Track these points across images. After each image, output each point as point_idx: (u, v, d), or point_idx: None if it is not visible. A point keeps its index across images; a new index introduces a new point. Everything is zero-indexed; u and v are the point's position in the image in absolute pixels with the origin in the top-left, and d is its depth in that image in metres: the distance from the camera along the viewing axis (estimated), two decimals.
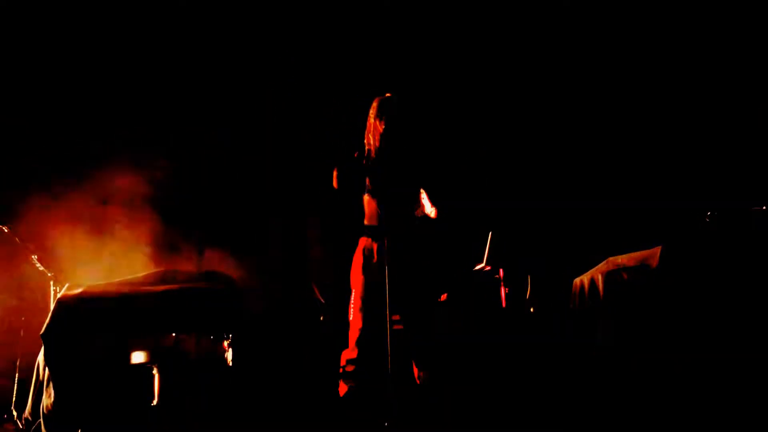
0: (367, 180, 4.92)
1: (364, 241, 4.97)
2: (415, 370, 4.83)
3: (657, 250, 4.84)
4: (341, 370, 4.90)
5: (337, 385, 4.89)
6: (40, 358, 5.31)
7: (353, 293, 4.95)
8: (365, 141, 4.99)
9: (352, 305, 4.94)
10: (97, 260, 6.10)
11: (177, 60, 6.85)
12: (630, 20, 6.60)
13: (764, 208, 4.74)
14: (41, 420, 5.13)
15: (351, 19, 6.74)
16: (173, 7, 6.72)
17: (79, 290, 5.01)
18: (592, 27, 6.67)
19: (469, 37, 6.74)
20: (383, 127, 4.82)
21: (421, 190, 4.91)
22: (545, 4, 6.71)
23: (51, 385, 5.02)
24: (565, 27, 6.69)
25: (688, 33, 6.49)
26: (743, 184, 5.98)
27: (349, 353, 4.90)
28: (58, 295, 5.20)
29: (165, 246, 6.25)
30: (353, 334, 4.90)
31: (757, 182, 5.91)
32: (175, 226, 6.33)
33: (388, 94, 4.97)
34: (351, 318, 4.93)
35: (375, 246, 4.88)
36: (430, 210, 4.86)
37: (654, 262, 4.82)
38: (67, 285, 5.25)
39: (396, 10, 6.69)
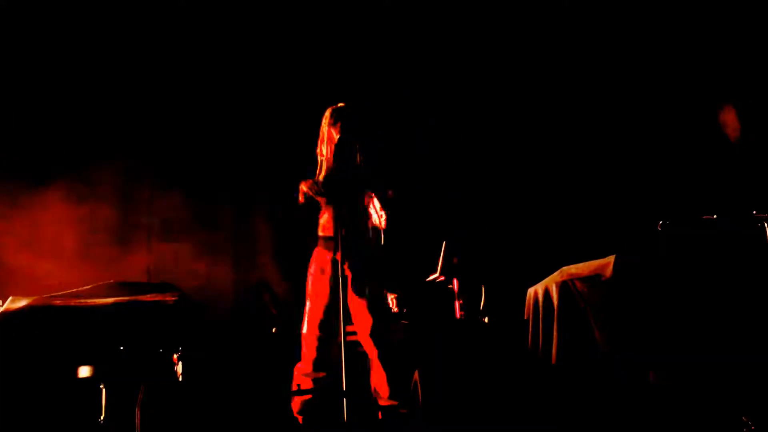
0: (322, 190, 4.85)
1: (319, 252, 4.89)
2: None
3: (611, 260, 4.87)
4: (295, 386, 4.79)
5: (290, 401, 4.77)
6: None
7: (308, 304, 4.86)
8: (317, 151, 4.93)
9: (306, 317, 4.84)
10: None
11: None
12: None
13: (714, 216, 4.79)
14: None
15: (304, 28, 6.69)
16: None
17: (23, 303, 4.87)
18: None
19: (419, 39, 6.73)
20: (338, 136, 4.76)
21: (373, 198, 4.88)
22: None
23: None
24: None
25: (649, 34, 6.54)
26: (697, 192, 6.05)
27: (304, 367, 4.80)
28: (0, 309, 5.05)
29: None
30: (307, 347, 4.80)
31: (711, 191, 5.99)
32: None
33: (341, 104, 4.92)
34: (305, 330, 4.82)
35: (330, 257, 4.80)
36: (378, 220, 4.82)
37: (608, 272, 4.85)
38: (10, 299, 5.09)
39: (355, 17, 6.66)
